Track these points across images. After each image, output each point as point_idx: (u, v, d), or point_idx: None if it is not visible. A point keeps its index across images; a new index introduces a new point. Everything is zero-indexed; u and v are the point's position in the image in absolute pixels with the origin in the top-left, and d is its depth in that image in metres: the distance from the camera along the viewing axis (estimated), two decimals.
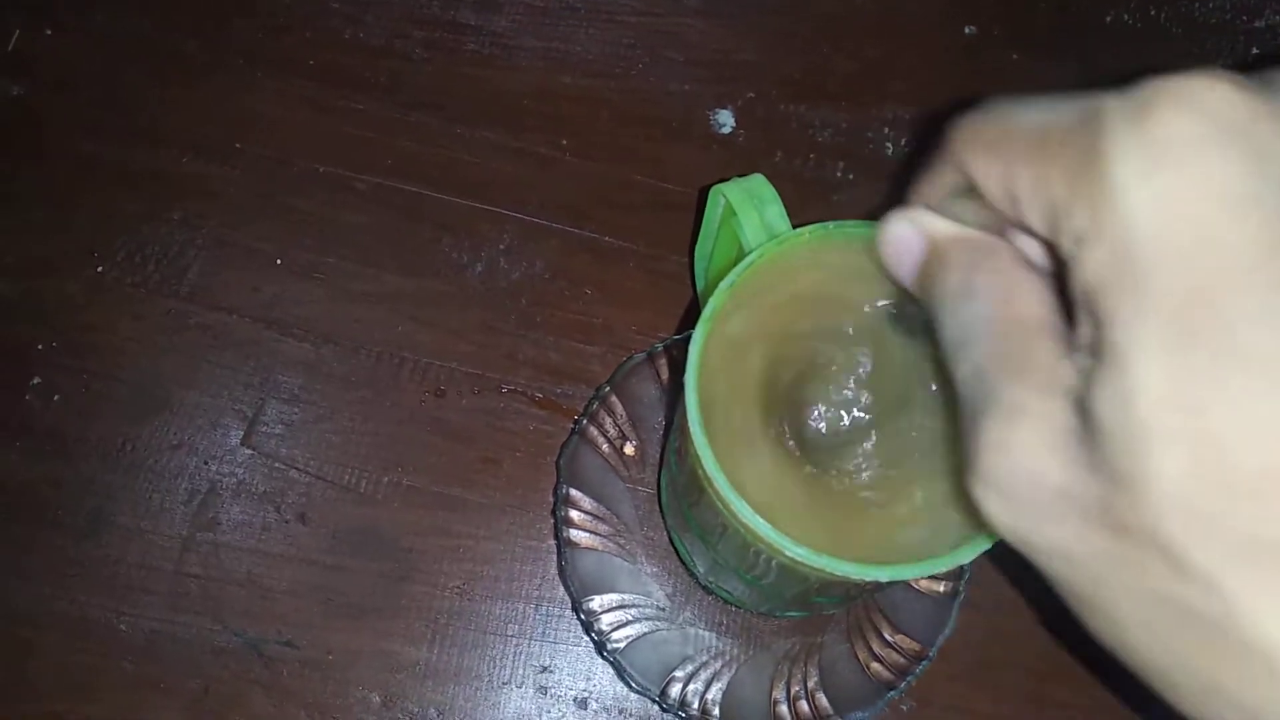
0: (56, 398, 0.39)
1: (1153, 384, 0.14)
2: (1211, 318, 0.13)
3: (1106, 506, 0.14)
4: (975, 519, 0.25)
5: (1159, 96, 0.14)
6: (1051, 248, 0.17)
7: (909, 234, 0.21)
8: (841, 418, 0.26)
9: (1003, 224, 0.19)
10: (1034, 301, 0.18)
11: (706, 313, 0.26)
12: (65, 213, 0.42)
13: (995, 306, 0.18)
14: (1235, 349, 0.13)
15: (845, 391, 0.27)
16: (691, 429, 0.25)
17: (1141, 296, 0.14)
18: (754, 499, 0.24)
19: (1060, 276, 0.20)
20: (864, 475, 0.26)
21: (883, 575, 0.23)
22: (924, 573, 0.24)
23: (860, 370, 0.27)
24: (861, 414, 0.26)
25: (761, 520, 0.23)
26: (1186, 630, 0.14)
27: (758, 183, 0.30)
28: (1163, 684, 0.16)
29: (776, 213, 0.30)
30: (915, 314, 0.25)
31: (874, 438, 0.26)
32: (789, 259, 0.28)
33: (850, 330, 0.27)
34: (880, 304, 0.26)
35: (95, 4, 0.46)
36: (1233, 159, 0.14)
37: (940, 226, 0.20)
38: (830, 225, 0.27)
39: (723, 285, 0.26)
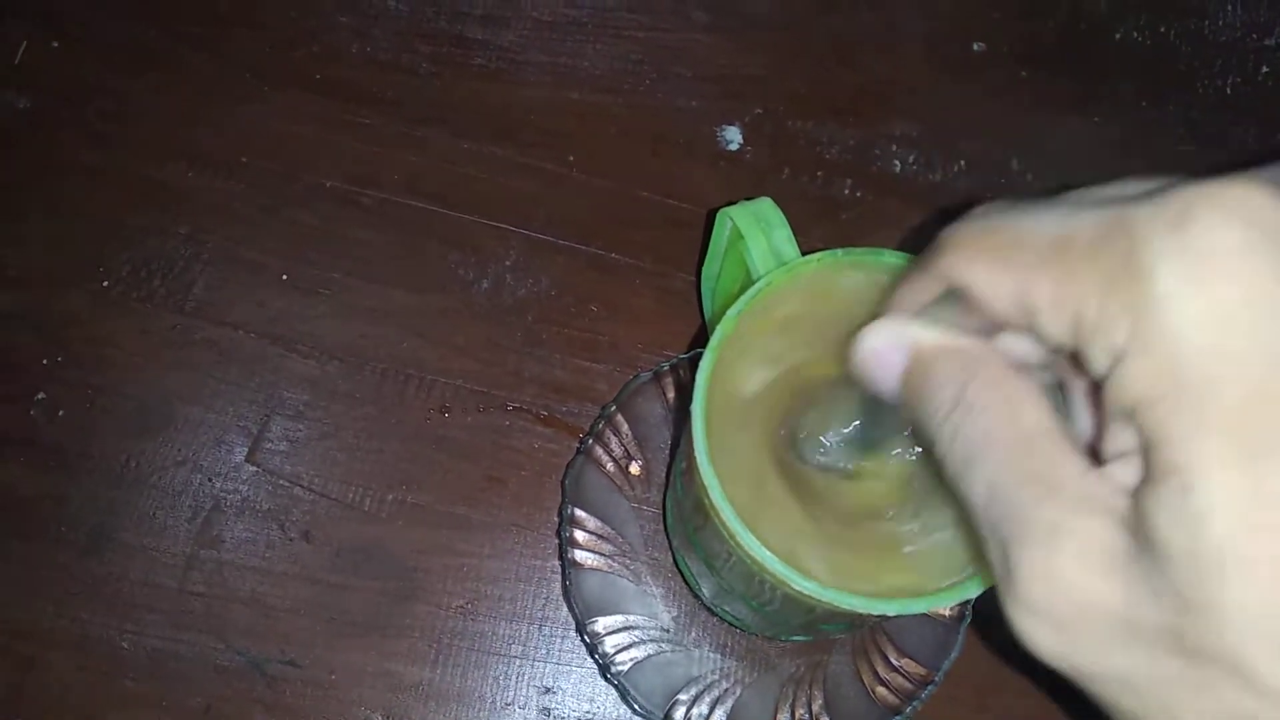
0: (61, 413, 0.39)
1: (1223, 505, 0.13)
2: (1274, 431, 0.13)
3: (1175, 631, 0.14)
4: (982, 557, 0.25)
5: (1195, 204, 0.14)
6: (1074, 359, 0.16)
7: (889, 346, 0.20)
8: (849, 448, 0.26)
9: (986, 331, 0.18)
10: (1037, 409, 0.17)
11: (714, 340, 0.26)
12: (71, 226, 0.42)
13: (1000, 420, 0.17)
14: None
15: (853, 422, 0.27)
16: (698, 458, 0.24)
17: (1200, 411, 0.14)
18: (760, 530, 0.24)
19: (1057, 376, 0.20)
20: (873, 506, 0.26)
21: (890, 609, 0.23)
22: (931, 606, 0.24)
23: (868, 401, 0.26)
24: (869, 445, 0.26)
25: (768, 553, 0.23)
26: None
27: (765, 207, 0.30)
28: None
29: (784, 237, 0.29)
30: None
31: (881, 469, 0.26)
32: (797, 286, 0.28)
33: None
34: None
35: (102, 17, 0.46)
36: (1278, 267, 0.14)
37: (925, 336, 0.19)
38: (839, 252, 0.27)
39: (730, 313, 0.26)
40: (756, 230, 0.30)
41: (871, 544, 0.25)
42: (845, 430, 0.27)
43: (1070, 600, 0.15)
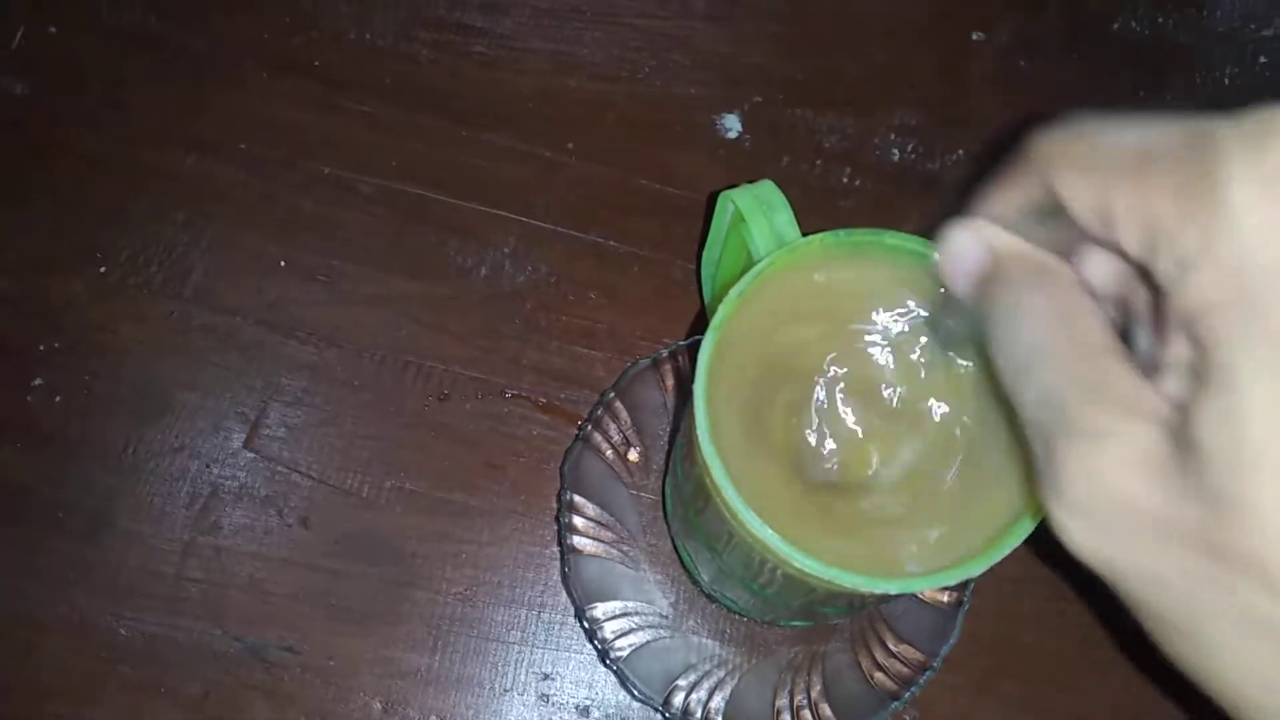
0: (58, 399, 0.39)
1: (1264, 408, 0.14)
2: None
3: (1206, 530, 0.14)
4: (988, 530, 0.25)
5: (1277, 124, 0.14)
6: (1143, 270, 0.17)
7: (971, 245, 0.21)
8: (850, 429, 0.26)
9: (1069, 246, 0.19)
10: (1100, 326, 0.18)
11: (715, 321, 0.26)
12: (69, 212, 0.42)
13: (1062, 328, 0.18)
14: None
15: (855, 402, 0.27)
16: (700, 438, 0.24)
17: (1254, 319, 0.14)
18: (762, 509, 0.24)
19: (1131, 301, 0.20)
20: (873, 486, 0.26)
21: (892, 588, 0.23)
22: (933, 585, 0.24)
23: (871, 381, 0.26)
24: (870, 425, 0.26)
25: (770, 531, 0.23)
26: None
27: (767, 189, 0.30)
28: (1250, 712, 0.15)
29: (786, 220, 0.29)
30: (951, 328, 0.25)
31: (883, 449, 0.26)
32: (800, 267, 0.28)
33: (861, 340, 0.27)
34: (915, 316, 0.26)
35: (101, 3, 0.45)
36: None
37: (1003, 241, 0.20)
38: (841, 233, 0.27)
39: (732, 293, 0.26)
40: (758, 212, 0.30)
41: (872, 525, 0.25)
42: (846, 412, 0.27)
43: (1109, 499, 0.16)
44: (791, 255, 0.27)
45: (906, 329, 0.26)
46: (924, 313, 0.26)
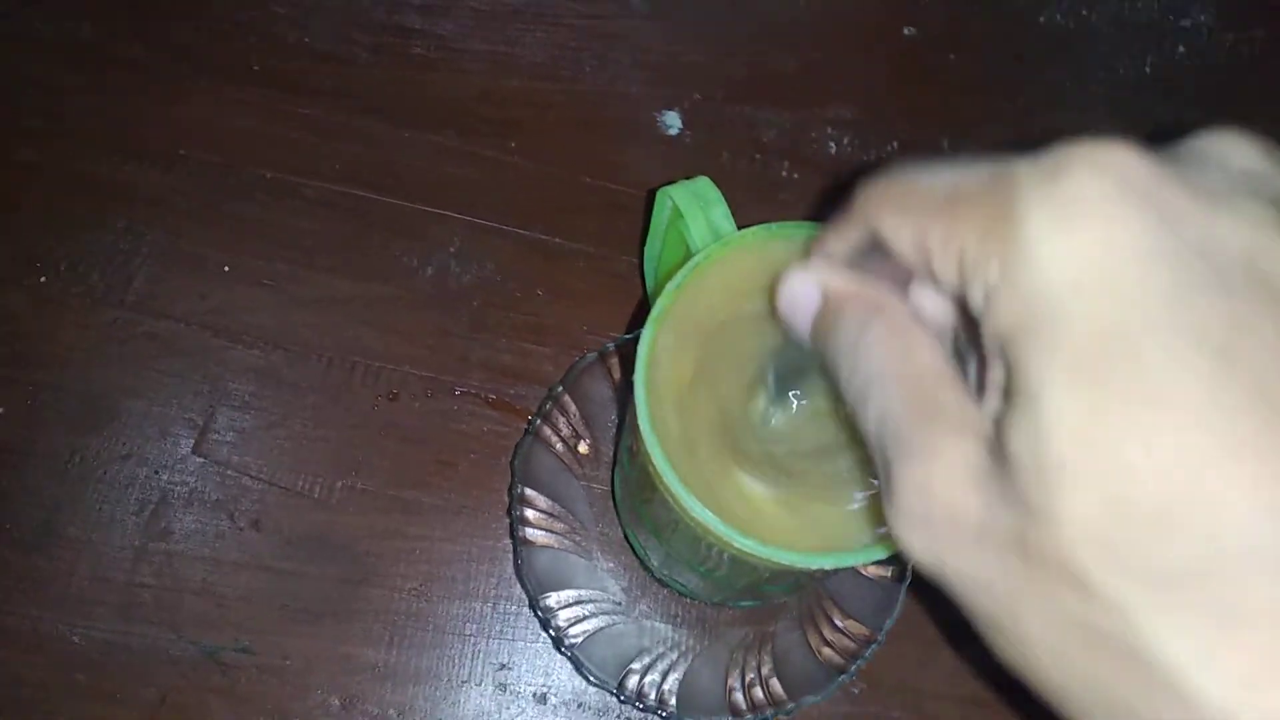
0: (2, 410, 0.39)
1: (1062, 421, 0.15)
2: (1117, 360, 0.14)
3: (1021, 537, 0.15)
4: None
5: (1069, 159, 0.15)
6: (959, 300, 0.18)
7: (805, 288, 0.22)
8: (785, 413, 0.27)
9: (907, 278, 0.20)
10: (929, 353, 0.19)
11: (654, 313, 0.27)
12: (7, 223, 0.42)
13: (895, 357, 0.19)
14: (1139, 389, 0.14)
15: (788, 387, 0.28)
16: (642, 428, 0.25)
17: (1051, 339, 0.15)
18: (703, 494, 0.25)
19: (963, 327, 0.22)
20: (809, 467, 0.27)
21: (827, 563, 0.24)
22: (866, 560, 0.25)
23: (802, 366, 0.27)
24: (804, 409, 0.27)
25: (710, 514, 0.24)
26: (1096, 654, 0.15)
27: (703, 185, 0.31)
28: (1072, 707, 0.16)
29: (721, 214, 0.30)
30: (800, 364, 0.26)
31: (817, 432, 0.27)
32: (734, 259, 0.28)
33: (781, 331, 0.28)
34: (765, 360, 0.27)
35: (33, 12, 0.45)
36: (1137, 217, 0.15)
37: (836, 282, 0.21)
38: (773, 226, 0.28)
39: (669, 286, 0.27)
40: (695, 208, 0.30)
41: (811, 502, 0.26)
42: (781, 397, 0.28)
43: (938, 509, 0.17)
44: (726, 249, 0.28)
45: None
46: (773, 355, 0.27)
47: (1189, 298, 0.14)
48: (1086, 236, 0.15)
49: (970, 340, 0.21)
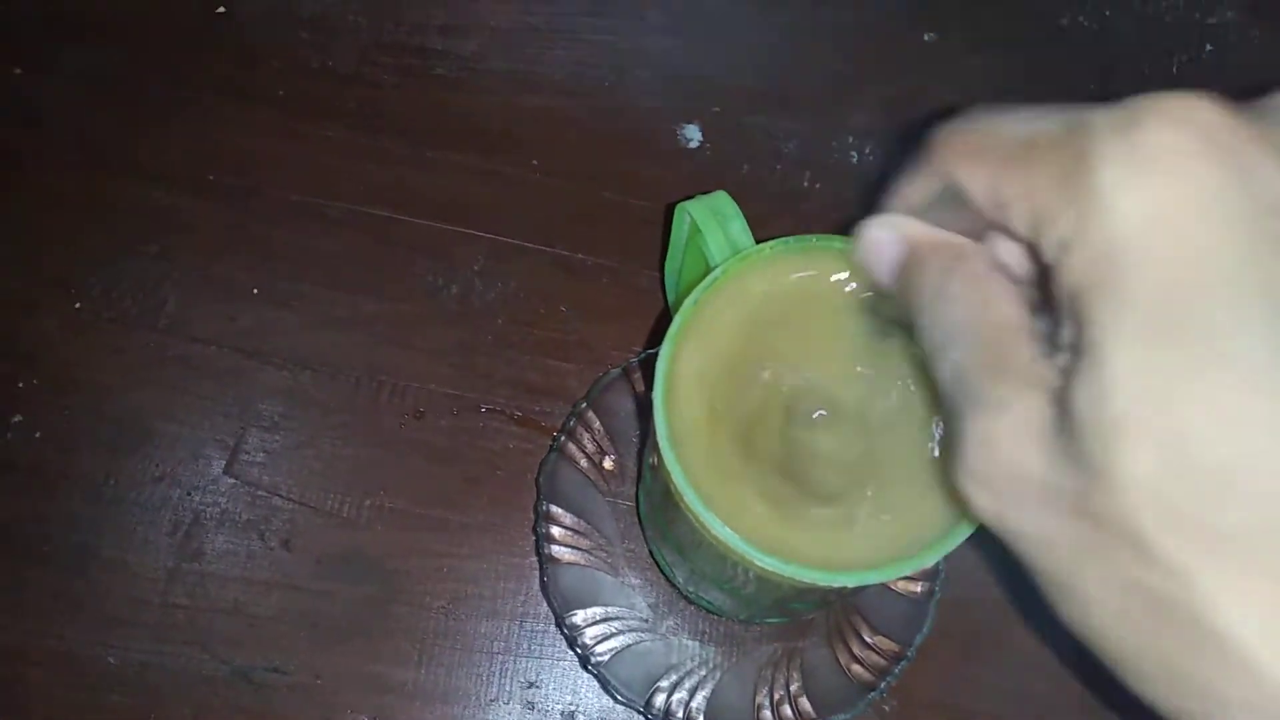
0: (38, 434, 0.40)
1: (1127, 379, 0.14)
2: (1186, 319, 0.14)
3: (1083, 496, 0.15)
4: (943, 521, 0.26)
5: (1147, 111, 0.15)
6: (1033, 251, 0.18)
7: (887, 237, 0.22)
8: (809, 428, 0.27)
9: (981, 229, 0.20)
10: (1008, 305, 0.19)
11: (672, 330, 0.27)
12: (40, 249, 0.43)
13: (972, 309, 0.19)
14: (1206, 348, 0.14)
15: (812, 403, 0.27)
16: (661, 447, 0.25)
17: (1121, 296, 0.15)
18: (725, 512, 0.25)
19: (1038, 281, 0.21)
20: (834, 483, 0.27)
21: (850, 580, 0.24)
22: (890, 576, 0.24)
23: (827, 382, 0.27)
24: (828, 424, 0.27)
25: (731, 532, 0.24)
26: (1154, 617, 0.15)
27: (721, 200, 0.31)
28: (1132, 673, 0.16)
29: (739, 228, 0.30)
30: (887, 319, 0.26)
31: (842, 447, 0.27)
32: (753, 273, 0.28)
33: (817, 339, 0.28)
34: (853, 305, 0.27)
35: (64, 42, 0.46)
36: (1215, 172, 0.15)
37: (917, 230, 0.21)
38: (790, 240, 0.28)
39: (687, 303, 0.27)
40: (713, 222, 0.30)
41: (834, 519, 0.26)
42: (805, 412, 0.27)
43: (1002, 465, 0.17)
44: (743, 263, 0.28)
45: (855, 324, 0.27)
46: (864, 308, 0.27)
47: (1261, 257, 0.14)
48: (1162, 189, 0.15)
49: (1044, 294, 0.21)
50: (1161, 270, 0.14)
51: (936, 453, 0.26)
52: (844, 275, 0.28)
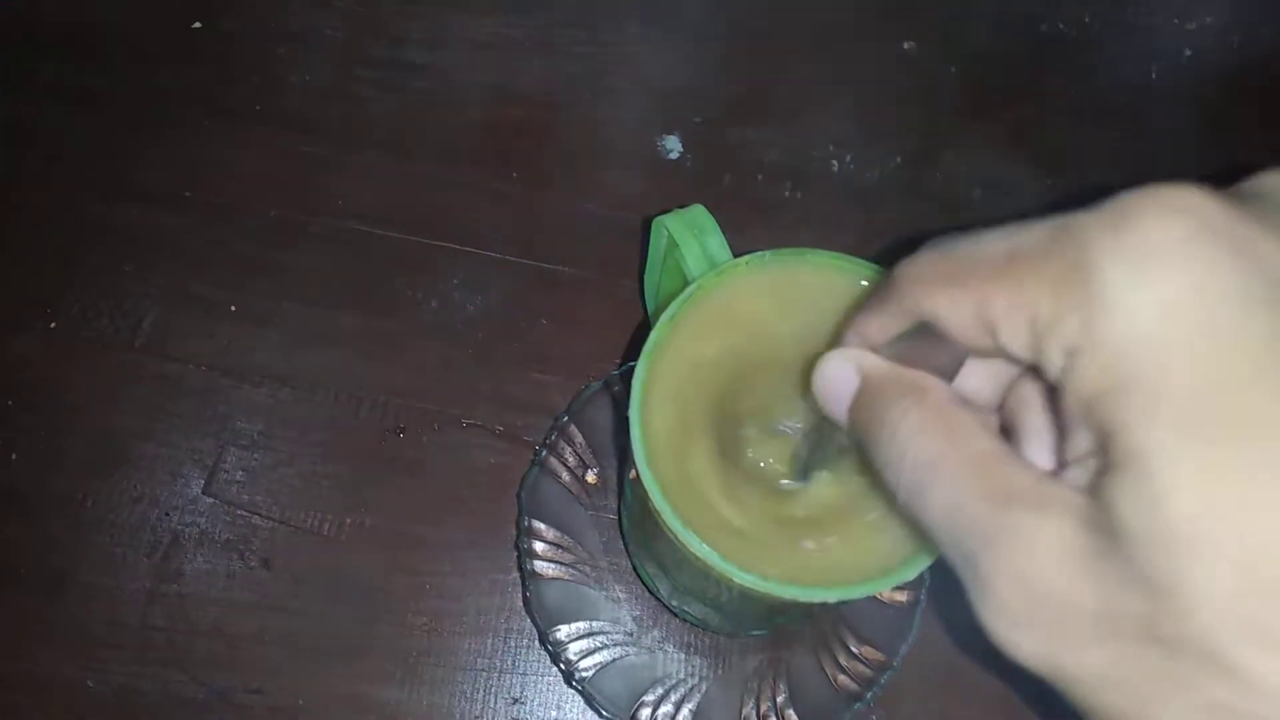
0: (14, 455, 0.39)
1: (1179, 487, 0.13)
2: (1228, 415, 0.13)
3: (1150, 620, 0.14)
4: (918, 538, 0.26)
5: (1138, 205, 0.15)
6: (1034, 370, 0.17)
7: (843, 373, 0.21)
8: (789, 443, 0.27)
9: (948, 362, 0.19)
10: (983, 434, 0.18)
11: (648, 347, 0.26)
12: (15, 267, 0.42)
13: (949, 444, 0.18)
14: (1259, 444, 0.13)
15: (791, 417, 0.27)
16: (639, 464, 0.25)
17: (1151, 397, 0.14)
18: (703, 529, 0.24)
19: (1006, 412, 0.21)
20: (814, 497, 0.27)
21: (831, 596, 0.24)
22: (871, 591, 0.24)
23: (805, 396, 0.27)
24: (808, 439, 0.27)
25: (710, 549, 0.24)
26: None
27: (697, 213, 0.31)
28: None
29: (717, 243, 0.30)
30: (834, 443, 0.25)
31: (821, 462, 0.27)
32: (729, 288, 0.28)
33: (793, 351, 0.28)
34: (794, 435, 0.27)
35: (38, 59, 0.46)
36: (1219, 257, 0.14)
37: (875, 366, 0.20)
38: (766, 254, 0.28)
39: (663, 319, 0.27)
40: (689, 237, 0.30)
41: (809, 533, 0.26)
42: (784, 426, 0.27)
43: (1042, 599, 0.15)
44: (719, 278, 0.28)
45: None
46: (800, 433, 0.27)
47: None
48: (1172, 280, 0.14)
49: (1032, 416, 0.20)
50: (1189, 366, 0.14)
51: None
52: (823, 287, 0.28)
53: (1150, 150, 0.49)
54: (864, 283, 0.27)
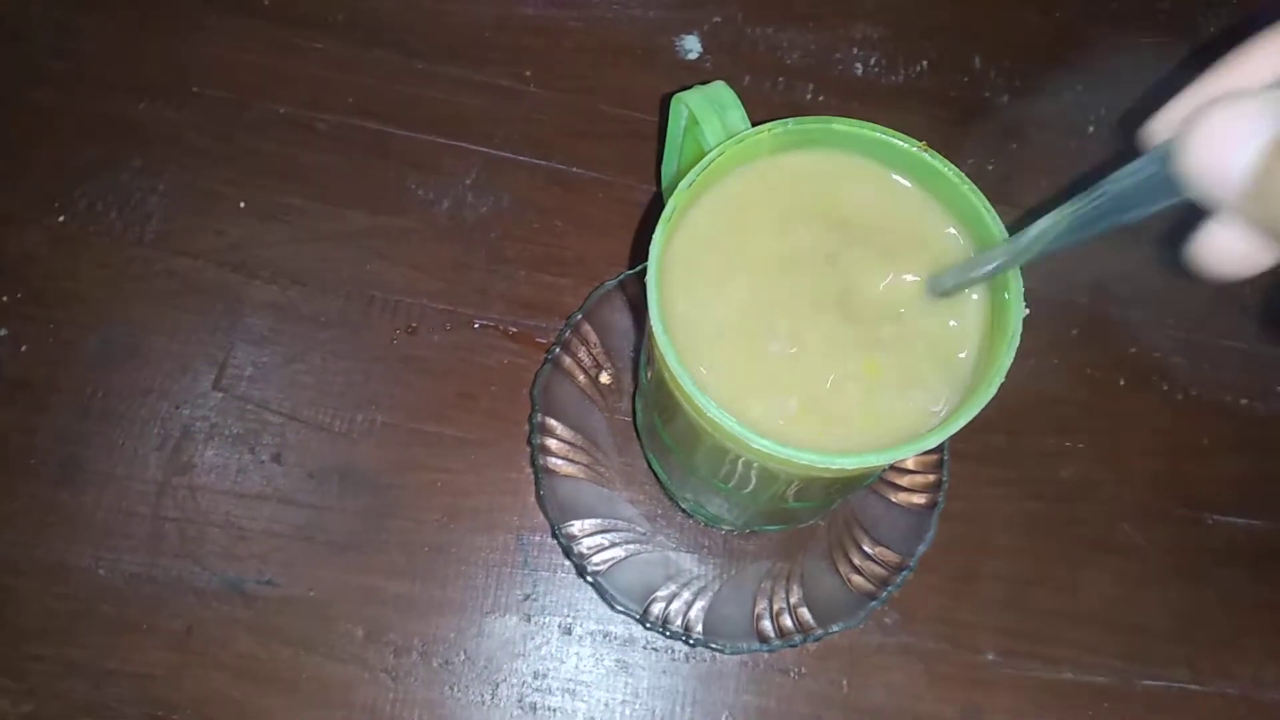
0: (24, 348, 0.39)
1: None
2: None
3: None
4: (946, 404, 0.25)
5: None
6: None
7: (1238, 133, 0.15)
8: (810, 309, 0.26)
9: None
10: None
11: (666, 212, 0.26)
12: (22, 163, 0.42)
13: None
14: None
15: (811, 287, 0.26)
16: (654, 330, 0.24)
17: None
18: (719, 396, 0.24)
19: None
20: (831, 368, 0.26)
21: (849, 463, 0.23)
22: (890, 459, 0.24)
23: (826, 261, 0.26)
24: (826, 308, 0.26)
25: (724, 413, 0.23)
26: None
27: (719, 89, 0.30)
28: None
29: (738, 117, 0.29)
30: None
31: (841, 332, 0.26)
32: (751, 158, 0.27)
33: (817, 223, 0.27)
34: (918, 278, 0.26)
35: None
36: None
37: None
38: (789, 122, 0.27)
39: (682, 184, 0.26)
40: (710, 112, 0.29)
41: (830, 405, 0.25)
42: (804, 297, 0.26)
43: None
44: (741, 146, 0.27)
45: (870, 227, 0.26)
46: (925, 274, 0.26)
47: None
48: None
49: None
50: None
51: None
52: (849, 160, 0.27)
53: (1189, 56, 0.47)
54: (908, 147, 0.26)
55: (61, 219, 0.41)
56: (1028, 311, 0.24)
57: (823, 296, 0.26)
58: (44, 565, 0.36)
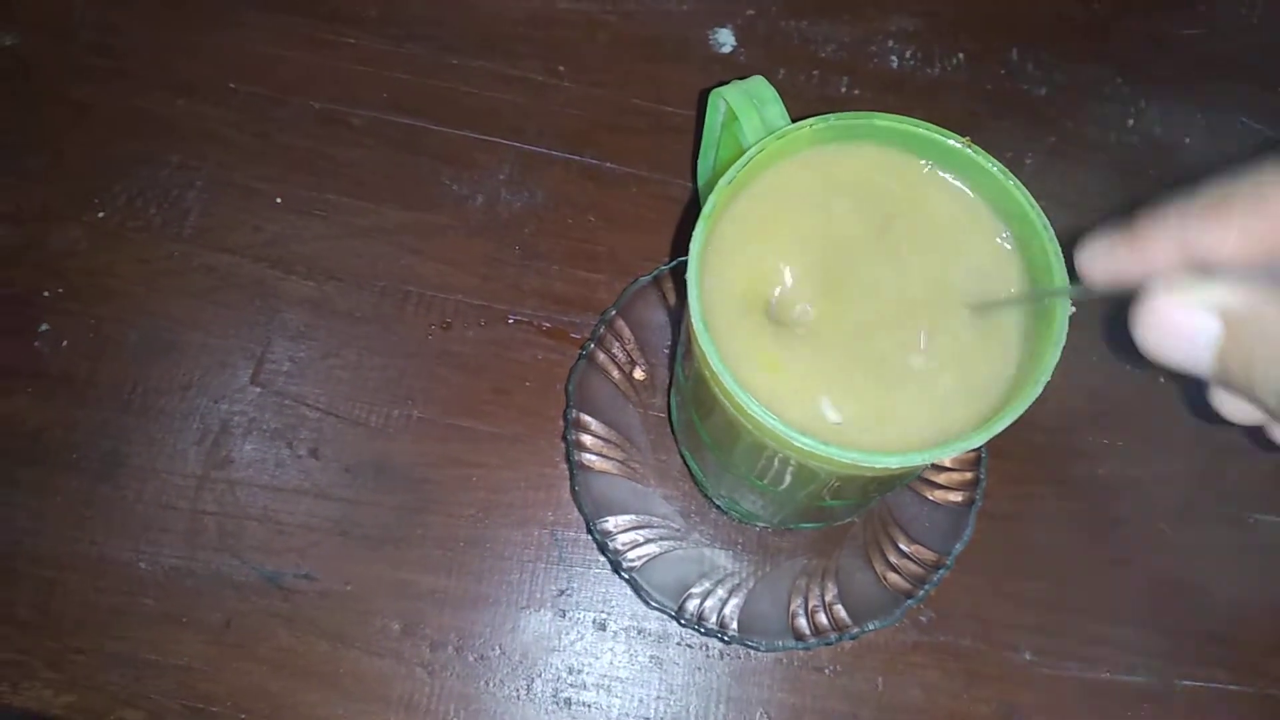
0: (65, 343, 0.39)
1: None
2: None
3: None
4: (988, 407, 0.25)
5: None
6: None
7: (1191, 312, 0.17)
8: (851, 305, 0.26)
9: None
10: None
11: (706, 209, 0.25)
12: (63, 160, 0.42)
13: None
14: None
15: (855, 280, 0.26)
16: (695, 327, 0.24)
17: None
18: (760, 394, 0.24)
19: None
20: (874, 365, 0.26)
21: (893, 461, 0.23)
22: (933, 458, 0.23)
23: (869, 259, 0.26)
24: (869, 305, 0.26)
25: (766, 410, 0.23)
26: None
27: (757, 84, 0.30)
28: None
29: (777, 112, 0.29)
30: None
31: (884, 330, 0.26)
32: (791, 154, 0.27)
33: (858, 220, 0.27)
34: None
35: None
36: None
37: (1236, 297, 0.16)
38: (831, 117, 0.27)
39: (722, 181, 0.26)
40: (749, 107, 0.29)
41: (871, 405, 0.25)
42: (844, 295, 0.26)
43: None
44: (781, 142, 0.27)
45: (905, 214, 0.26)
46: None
47: None
48: None
49: None
50: None
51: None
52: (890, 155, 0.27)
53: (1230, 55, 0.46)
54: (952, 143, 0.26)
55: (101, 215, 0.41)
56: (1074, 310, 0.24)
57: (866, 293, 0.26)
58: (85, 559, 0.37)
